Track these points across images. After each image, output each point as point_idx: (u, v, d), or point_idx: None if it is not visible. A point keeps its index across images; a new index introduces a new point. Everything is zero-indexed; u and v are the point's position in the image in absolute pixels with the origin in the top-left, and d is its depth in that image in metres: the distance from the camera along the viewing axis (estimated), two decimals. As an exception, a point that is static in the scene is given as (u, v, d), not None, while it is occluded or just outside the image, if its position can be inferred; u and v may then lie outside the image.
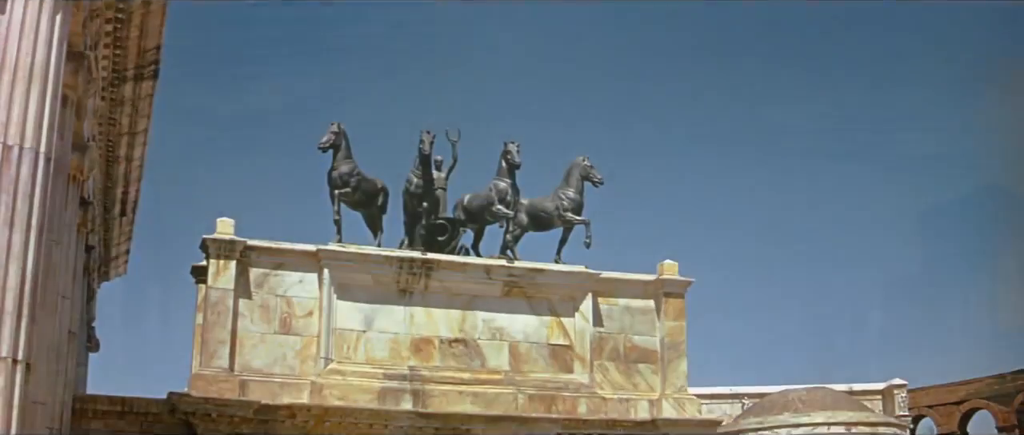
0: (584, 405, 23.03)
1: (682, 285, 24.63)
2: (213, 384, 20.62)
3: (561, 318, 23.63)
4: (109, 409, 20.72)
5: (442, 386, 22.19)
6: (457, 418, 21.85)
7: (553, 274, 23.57)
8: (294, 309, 21.86)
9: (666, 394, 23.88)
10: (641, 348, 24.27)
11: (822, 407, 39.50)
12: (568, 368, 23.46)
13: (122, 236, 26.55)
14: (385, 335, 22.32)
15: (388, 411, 21.45)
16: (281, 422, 20.99)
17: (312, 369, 21.59)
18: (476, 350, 22.92)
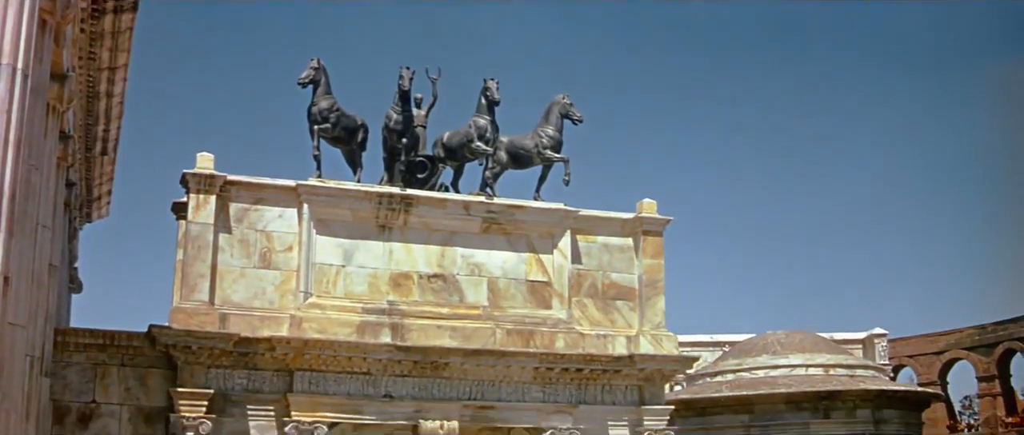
0: (562, 340, 23.25)
1: (660, 223, 24.83)
2: (193, 317, 20.79)
3: (540, 255, 23.82)
4: (90, 342, 20.85)
5: (421, 321, 22.39)
6: (436, 352, 22.05)
7: (532, 211, 23.75)
8: (274, 244, 22.01)
9: (644, 331, 24.10)
10: (619, 285, 24.49)
11: (800, 349, 39.84)
12: (546, 304, 23.66)
13: (103, 176, 26.56)
14: (364, 270, 22.49)
15: (367, 344, 21.63)
16: (261, 355, 21.18)
17: (292, 303, 21.76)
18: (455, 285, 23.10)
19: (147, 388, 21.11)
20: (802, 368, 39.12)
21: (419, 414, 22.12)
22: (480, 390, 22.69)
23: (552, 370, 23.03)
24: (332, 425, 21.48)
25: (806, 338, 41.17)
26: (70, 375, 20.71)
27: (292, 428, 21.12)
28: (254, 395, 21.33)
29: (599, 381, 23.64)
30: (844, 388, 38.19)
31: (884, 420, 38.76)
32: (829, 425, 38.07)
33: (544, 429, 22.88)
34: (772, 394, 37.86)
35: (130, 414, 20.94)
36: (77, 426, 20.63)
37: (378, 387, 21.99)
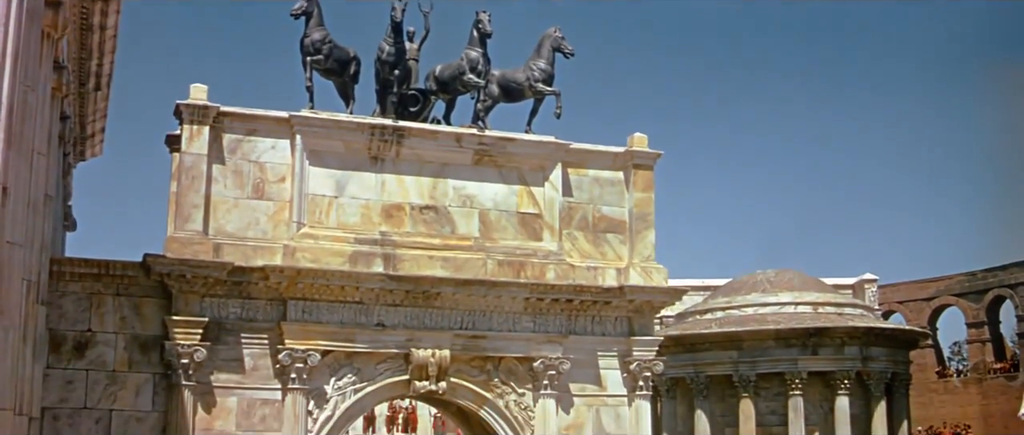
0: (552, 272, 23.49)
1: (651, 158, 25.01)
2: (188, 246, 21.00)
3: (531, 187, 24.02)
4: (86, 271, 21.04)
5: (413, 251, 22.61)
6: (427, 281, 22.29)
7: (523, 143, 23.93)
8: (267, 175, 22.19)
9: (633, 263, 24.33)
10: (609, 218, 24.70)
11: (790, 288, 40.27)
12: (537, 236, 23.89)
13: (97, 113, 26.66)
14: (357, 201, 22.69)
15: (360, 273, 21.87)
16: (255, 284, 21.42)
17: (285, 233, 21.97)
18: (446, 217, 23.32)
19: (142, 317, 21.32)
20: (791, 306, 39.54)
21: (411, 343, 22.39)
22: (471, 320, 22.96)
23: (542, 301, 23.28)
24: (325, 353, 21.77)
25: (796, 277, 41.56)
26: (66, 304, 20.91)
27: (285, 355, 21.41)
28: (248, 323, 21.60)
29: (589, 312, 23.92)
30: (832, 325, 38.62)
31: (872, 358, 39.23)
32: (817, 361, 38.53)
33: (534, 358, 23.15)
34: (761, 331, 38.30)
35: (125, 342, 21.17)
36: (73, 354, 20.87)
37: (370, 316, 22.26)
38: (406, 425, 53.82)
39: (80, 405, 20.76)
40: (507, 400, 23.28)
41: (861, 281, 49.16)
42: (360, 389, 22.30)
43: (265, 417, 21.56)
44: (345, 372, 22.18)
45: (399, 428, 53.78)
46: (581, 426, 23.84)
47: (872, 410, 39.47)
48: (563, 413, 23.61)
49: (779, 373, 38.78)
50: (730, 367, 39.25)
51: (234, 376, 21.48)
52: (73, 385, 20.77)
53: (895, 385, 40.94)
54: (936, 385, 63.63)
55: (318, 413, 21.88)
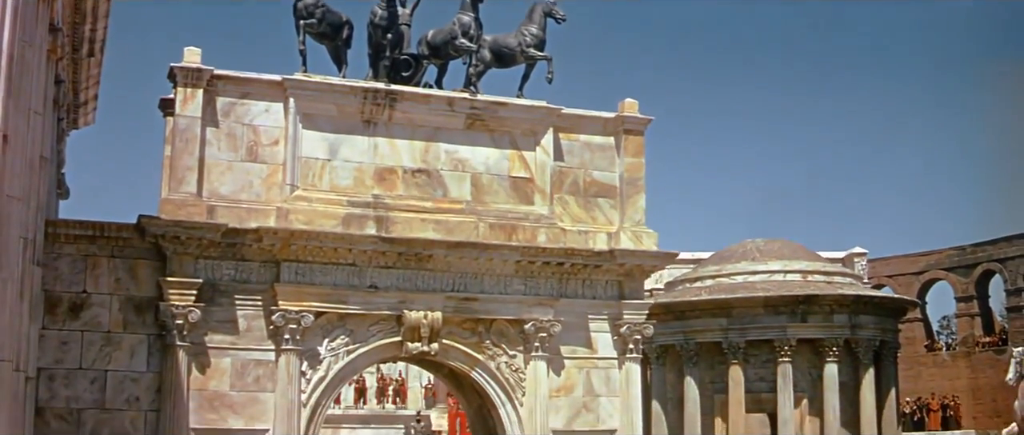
0: (544, 235, 23.69)
1: (642, 123, 25.19)
2: (182, 208, 21.17)
3: (522, 152, 24.19)
4: (81, 233, 21.21)
5: (405, 214, 22.80)
6: (420, 243, 22.49)
7: (515, 108, 24.09)
8: (260, 138, 22.34)
9: (624, 227, 24.54)
10: (600, 183, 24.90)
11: (779, 256, 40.57)
12: (528, 200, 24.08)
13: (90, 80, 26.72)
14: (350, 164, 22.86)
15: (353, 235, 22.06)
16: (248, 246, 21.61)
17: (278, 196, 22.13)
18: (438, 180, 23.49)
19: (137, 279, 21.50)
20: (780, 274, 39.83)
21: (403, 304, 22.60)
22: (463, 282, 23.16)
23: (533, 264, 23.49)
24: (318, 314, 21.97)
25: (785, 246, 41.83)
26: (61, 266, 21.08)
27: (279, 317, 21.61)
28: (242, 285, 21.80)
29: (580, 276, 24.13)
30: (821, 293, 38.91)
31: (861, 325, 39.53)
32: (806, 329, 38.83)
33: (525, 321, 23.38)
34: (750, 298, 38.58)
35: (120, 304, 21.36)
36: (68, 315, 21.06)
37: (363, 278, 22.46)
38: (396, 396, 54.13)
39: (75, 366, 20.97)
40: (498, 362, 23.51)
41: (850, 255, 49.42)
42: (353, 350, 22.53)
43: (259, 377, 21.79)
44: (338, 333, 22.40)
45: (389, 399, 54.10)
46: (572, 388, 24.10)
47: (860, 377, 39.83)
48: (554, 375, 23.84)
49: (768, 340, 39.10)
50: (720, 334, 39.56)
51: (228, 337, 21.69)
52: (68, 346, 20.97)
53: (883, 353, 41.28)
54: (925, 359, 63.96)
55: (311, 374, 22.12)
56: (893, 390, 41.89)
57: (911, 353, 63.14)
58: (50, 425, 20.65)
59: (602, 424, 24.29)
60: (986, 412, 55.78)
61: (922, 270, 65.03)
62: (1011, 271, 60.52)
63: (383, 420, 53.73)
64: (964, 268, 63.93)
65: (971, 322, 63.71)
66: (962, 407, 57.15)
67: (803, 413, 39.34)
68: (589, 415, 24.23)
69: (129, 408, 21.16)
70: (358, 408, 53.83)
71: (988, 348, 59.06)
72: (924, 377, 60.97)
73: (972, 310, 63.68)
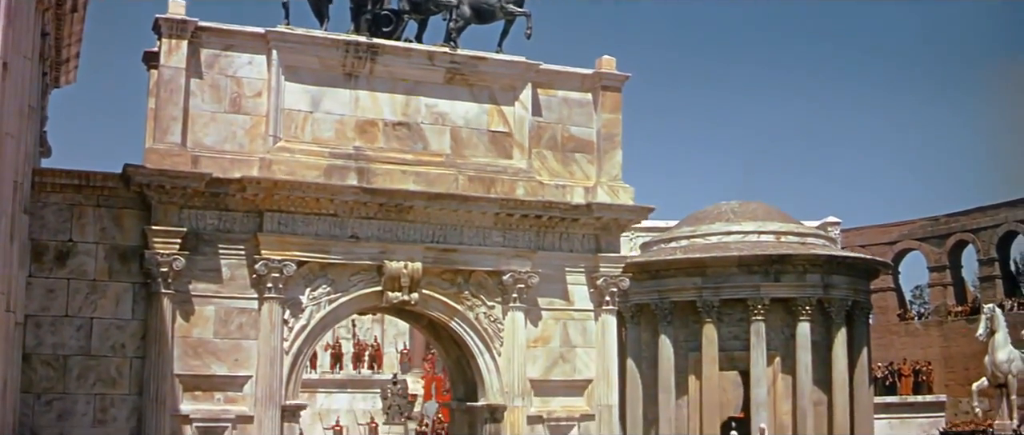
0: (522, 188, 24.09)
1: (619, 79, 25.58)
2: (166, 157, 21.49)
3: (501, 107, 24.55)
4: (67, 182, 21.48)
5: (386, 166, 23.16)
6: (400, 195, 22.88)
7: (494, 63, 24.45)
8: (243, 89, 22.64)
9: (601, 182, 24.97)
10: (578, 139, 25.31)
11: (753, 217, 41.03)
12: (507, 154, 24.47)
13: (73, 37, 26.89)
14: (331, 116, 23.21)
15: (334, 186, 22.43)
16: (232, 196, 21.95)
17: (261, 147, 22.46)
18: (419, 133, 23.87)
19: (122, 228, 21.80)
20: (754, 235, 40.29)
21: (384, 255, 23.00)
22: (443, 234, 23.57)
23: (512, 216, 23.91)
24: (300, 264, 22.34)
25: (759, 208, 42.28)
26: (47, 215, 21.36)
27: (262, 266, 21.99)
28: (225, 234, 22.16)
29: (557, 229, 24.57)
30: (794, 253, 39.40)
31: (833, 285, 40.05)
32: (779, 288, 39.32)
33: (504, 272, 23.80)
34: (724, 257, 39.04)
35: (106, 253, 21.66)
36: (55, 264, 21.35)
37: (344, 228, 22.84)
38: (372, 361, 54.43)
39: (62, 313, 21.29)
40: (477, 312, 23.95)
41: (824, 224, 49.84)
42: (334, 299, 22.94)
43: (242, 325, 22.18)
44: (320, 283, 22.78)
45: (365, 364, 54.41)
46: (549, 339, 24.57)
47: (833, 337, 40.35)
48: (531, 326, 24.32)
49: (742, 299, 39.57)
50: (694, 293, 40.00)
51: (212, 285, 22.05)
52: (55, 294, 21.28)
53: (855, 313, 41.82)
54: (897, 327, 64.65)
55: (293, 322, 22.51)
56: (865, 350, 42.45)
57: (884, 322, 63.87)
58: (37, 371, 20.99)
59: (578, 374, 24.78)
60: (958, 380, 56.48)
61: (895, 240, 65.69)
62: (984, 241, 61.26)
63: (359, 385, 54.10)
64: (937, 238, 64.62)
65: (944, 292, 64.44)
66: (934, 374, 57.71)
67: (776, 371, 39.88)
68: (566, 365, 24.72)
69: (114, 355, 21.51)
70: (334, 373, 54.21)
71: (960, 317, 59.78)
72: (896, 346, 61.59)
73: (945, 280, 64.42)
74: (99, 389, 21.36)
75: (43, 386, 21.00)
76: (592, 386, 24.88)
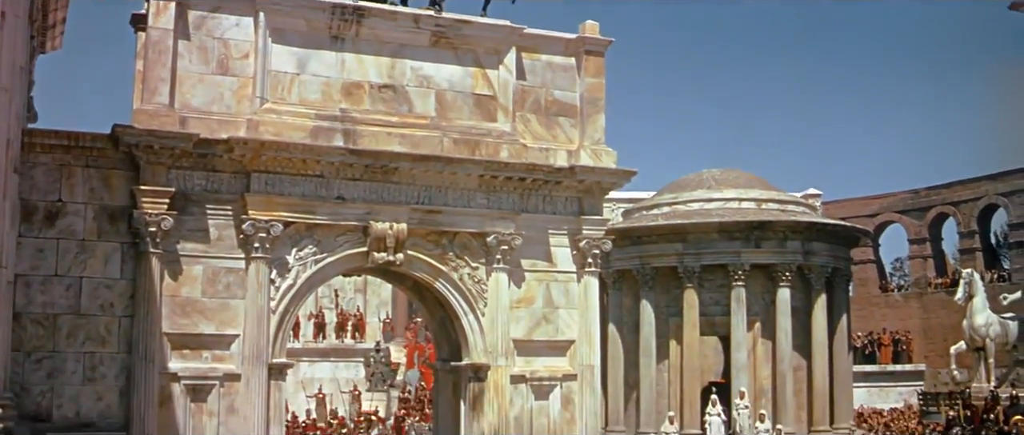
0: (506, 151, 24.37)
1: (602, 44, 25.86)
2: (155, 118, 21.69)
3: (486, 70, 24.81)
4: (56, 143, 21.64)
5: (372, 128, 23.41)
6: (386, 156, 23.14)
7: (478, 26, 24.69)
8: (231, 51, 22.82)
9: (584, 146, 25.27)
10: (561, 102, 25.59)
11: (735, 185, 41.45)
12: (491, 117, 24.75)
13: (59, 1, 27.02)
14: (318, 78, 23.43)
15: (321, 147, 22.67)
16: (219, 156, 22.17)
17: (248, 108, 22.66)
18: (404, 96, 24.12)
19: (110, 188, 22.00)
20: (736, 202, 40.70)
21: (369, 216, 23.28)
22: (428, 195, 23.84)
23: (496, 178, 24.19)
24: (287, 224, 22.60)
25: (741, 176, 42.70)
26: (36, 175, 21.54)
27: (249, 226, 22.24)
28: (213, 195, 22.38)
29: (541, 191, 24.88)
30: (775, 219, 39.85)
31: (813, 252, 40.51)
32: (760, 254, 39.77)
33: (488, 233, 24.12)
34: (705, 223, 39.47)
35: (94, 213, 21.86)
36: (44, 224, 21.54)
37: (331, 189, 23.08)
38: (355, 331, 54.71)
39: (51, 272, 21.51)
40: (461, 273, 24.26)
41: (805, 196, 50.23)
42: (320, 260, 23.22)
43: (229, 285, 22.45)
44: (306, 243, 23.05)
45: (348, 334, 54.70)
46: (532, 299, 24.93)
47: (812, 302, 40.90)
48: (515, 287, 24.66)
49: (722, 265, 40.08)
50: (675, 259, 40.45)
51: (199, 245, 22.30)
52: (44, 253, 21.49)
53: (835, 280, 42.35)
54: (877, 299, 65.02)
55: (280, 281, 22.78)
56: (844, 317, 43.02)
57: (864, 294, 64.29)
58: (27, 330, 21.23)
59: (561, 334, 25.17)
60: (937, 351, 56.79)
61: (876, 212, 66.03)
62: (964, 214, 61.63)
63: (342, 354, 54.40)
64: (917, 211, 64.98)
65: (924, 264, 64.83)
66: (914, 344, 58.25)
67: (756, 336, 40.43)
68: (548, 326, 25.09)
69: (103, 313, 21.77)
70: (318, 342, 54.48)
71: (940, 289, 60.11)
72: (876, 317, 61.99)
73: (925, 252, 64.78)
74: (88, 347, 21.64)
75: (33, 344, 21.25)
76: (574, 347, 25.25)
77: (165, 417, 21.71)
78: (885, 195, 67.34)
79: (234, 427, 22.15)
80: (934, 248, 65.32)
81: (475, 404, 24.41)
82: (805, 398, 40.81)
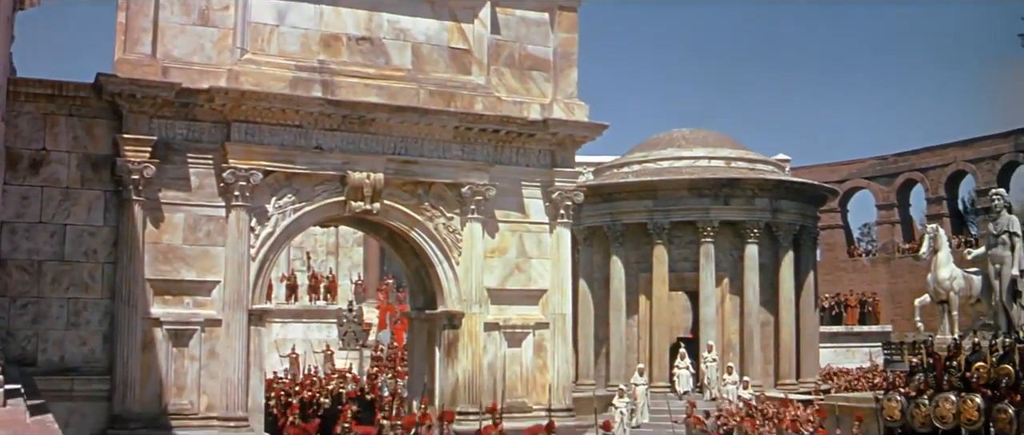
0: (480, 103, 24.92)
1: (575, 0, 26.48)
2: (137, 67, 22.10)
3: (461, 24, 25.30)
4: (40, 92, 22.00)
5: (349, 79, 23.90)
6: (363, 107, 23.65)
7: (453, -21, 25.25)
8: (212, 2, 23.17)
9: (557, 99, 25.82)
10: (535, 57, 26.12)
11: (704, 144, 42.06)
12: (466, 70, 25.27)
13: (38, -44, 27.27)
14: (297, 30, 23.86)
15: (300, 97, 23.16)
16: (200, 106, 22.62)
17: (229, 59, 23.08)
18: (381, 48, 24.60)
19: (93, 137, 22.41)
20: (705, 160, 41.32)
21: (347, 166, 23.79)
22: (404, 146, 24.36)
23: (471, 130, 24.73)
24: (266, 173, 23.08)
25: (710, 135, 43.32)
26: (21, 124, 21.90)
27: (229, 174, 22.72)
28: (194, 144, 22.83)
29: (514, 144, 25.44)
30: (744, 177, 40.47)
31: (781, 210, 41.19)
32: (728, 211, 40.42)
33: (462, 184, 24.68)
34: (675, 180, 40.06)
35: (78, 161, 22.29)
36: (29, 172, 21.96)
37: (309, 139, 23.58)
38: (327, 292, 55.12)
39: (36, 220, 21.94)
40: (436, 223, 24.83)
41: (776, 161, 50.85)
42: (299, 208, 23.73)
43: (210, 232, 22.95)
44: (285, 192, 23.54)
45: (320, 296, 55.11)
46: (505, 249, 25.54)
47: (780, 259, 41.59)
48: (488, 237, 25.25)
49: (692, 221, 40.70)
50: (645, 216, 41.04)
51: (181, 193, 22.76)
52: (29, 201, 21.91)
53: (803, 238, 43.08)
54: (845, 264, 65.85)
55: (260, 229, 23.30)
56: (812, 274, 43.79)
57: (832, 259, 65.16)
58: (12, 276, 21.70)
59: (533, 284, 25.80)
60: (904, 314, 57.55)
61: (844, 178, 66.78)
62: (932, 180, 62.49)
63: (314, 315, 54.73)
64: (885, 177, 65.79)
65: (891, 229, 65.70)
66: (880, 306, 59.03)
67: (724, 291, 41.11)
68: (521, 275, 25.72)
69: (87, 260, 22.24)
70: (290, 304, 54.87)
71: (908, 254, 60.80)
72: (844, 282, 62.72)
73: (893, 218, 65.64)
74: (73, 293, 22.12)
75: (18, 290, 21.71)
76: (547, 296, 25.89)
77: (148, 361, 22.23)
78: (853, 161, 68.09)
79: (215, 371, 22.70)
80: (902, 214, 66.17)
81: (449, 351, 25.04)
82: (772, 353, 41.54)
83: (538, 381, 25.72)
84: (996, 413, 22.78)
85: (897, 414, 25.86)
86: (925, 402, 24.79)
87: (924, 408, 24.75)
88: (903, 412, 25.66)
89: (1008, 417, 22.48)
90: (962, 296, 31.38)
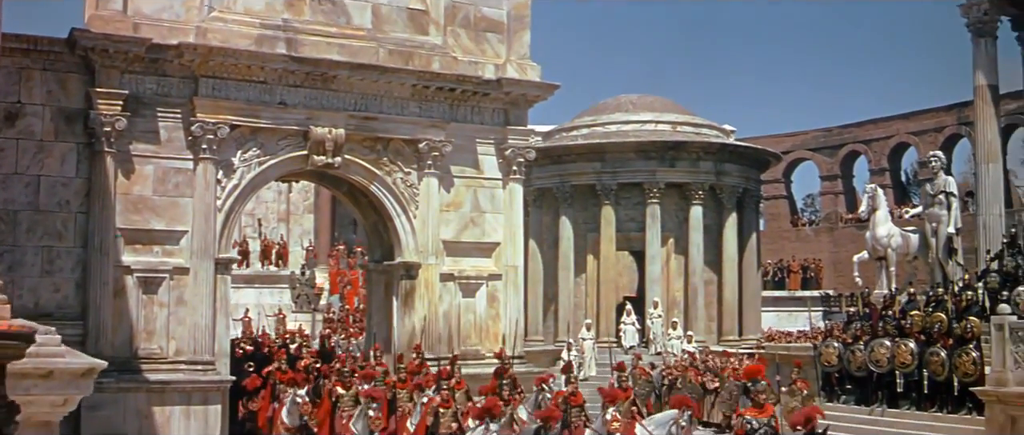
0: (437, 63, 25.95)
1: (528, -37, 27.56)
2: (109, 23, 22.91)
3: (418, -15, 26.40)
4: (16, 46, 22.39)
5: (312, 37, 24.85)
6: (325, 64, 24.60)
7: (408, -55, 26.21)
8: (179, -36, 24.17)
9: (511, 60, 26.90)
10: (489, 19, 27.15)
11: (651, 109, 43.35)
12: (424, 31, 26.29)
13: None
14: (261, -11, 24.85)
15: (265, 54, 24.09)
16: (170, 61, 23.46)
17: (197, 16, 23.92)
18: (342, 9, 25.52)
19: (67, 91, 23.16)
20: (652, 124, 42.63)
21: (310, 121, 24.76)
22: (364, 103, 25.35)
23: (428, 88, 25.77)
24: (233, 127, 23.99)
25: (657, 100, 44.63)
26: (-3, 78, 22.64)
27: (197, 127, 23.60)
28: (163, 99, 23.67)
29: (470, 102, 26.54)
30: (689, 140, 41.82)
31: (725, 172, 42.60)
32: (674, 173, 41.76)
33: (420, 140, 25.71)
34: (623, 143, 41.34)
35: (52, 114, 23.01)
36: (4, 124, 22.63)
37: (274, 95, 24.51)
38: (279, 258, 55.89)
39: (11, 171, 22.63)
40: (395, 177, 25.85)
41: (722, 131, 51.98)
42: (264, 162, 24.68)
43: (179, 184, 23.84)
44: (250, 146, 24.46)
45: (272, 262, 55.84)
46: (460, 204, 26.66)
47: (724, 221, 43.02)
48: (444, 191, 26.34)
49: (638, 183, 41.99)
50: (593, 177, 42.26)
51: (151, 146, 23.61)
52: (4, 153, 22.59)
53: (746, 201, 44.50)
54: (788, 233, 66.84)
55: (226, 181, 24.23)
56: (754, 235, 45.26)
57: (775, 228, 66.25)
58: (-12, 224, 22.51)
59: (487, 237, 26.95)
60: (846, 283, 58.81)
61: (788, 149, 67.89)
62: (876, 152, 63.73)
63: (266, 280, 55.33)
64: (829, 149, 66.95)
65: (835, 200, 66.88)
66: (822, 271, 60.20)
67: (669, 251, 42.48)
68: (475, 229, 26.86)
69: (60, 210, 23.04)
70: (242, 270, 55.48)
71: (850, 224, 62.11)
72: (788, 250, 63.56)
73: (836, 188, 66.76)
74: (46, 242, 22.92)
75: (-6, 239, 22.49)
76: (500, 249, 27.06)
77: (119, 307, 23.11)
78: (798, 133, 69.15)
79: (183, 317, 23.63)
80: (845, 185, 67.20)
81: (406, 300, 26.16)
82: (716, 310, 42.98)
83: (491, 330, 26.84)
84: (929, 356, 24.34)
85: (834, 359, 27.44)
86: (861, 348, 26.36)
87: (860, 354, 26.32)
88: (840, 357, 27.24)
89: (940, 359, 24.04)
90: (899, 253, 32.88)
